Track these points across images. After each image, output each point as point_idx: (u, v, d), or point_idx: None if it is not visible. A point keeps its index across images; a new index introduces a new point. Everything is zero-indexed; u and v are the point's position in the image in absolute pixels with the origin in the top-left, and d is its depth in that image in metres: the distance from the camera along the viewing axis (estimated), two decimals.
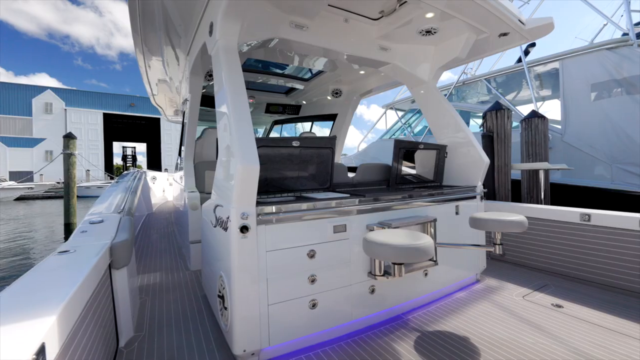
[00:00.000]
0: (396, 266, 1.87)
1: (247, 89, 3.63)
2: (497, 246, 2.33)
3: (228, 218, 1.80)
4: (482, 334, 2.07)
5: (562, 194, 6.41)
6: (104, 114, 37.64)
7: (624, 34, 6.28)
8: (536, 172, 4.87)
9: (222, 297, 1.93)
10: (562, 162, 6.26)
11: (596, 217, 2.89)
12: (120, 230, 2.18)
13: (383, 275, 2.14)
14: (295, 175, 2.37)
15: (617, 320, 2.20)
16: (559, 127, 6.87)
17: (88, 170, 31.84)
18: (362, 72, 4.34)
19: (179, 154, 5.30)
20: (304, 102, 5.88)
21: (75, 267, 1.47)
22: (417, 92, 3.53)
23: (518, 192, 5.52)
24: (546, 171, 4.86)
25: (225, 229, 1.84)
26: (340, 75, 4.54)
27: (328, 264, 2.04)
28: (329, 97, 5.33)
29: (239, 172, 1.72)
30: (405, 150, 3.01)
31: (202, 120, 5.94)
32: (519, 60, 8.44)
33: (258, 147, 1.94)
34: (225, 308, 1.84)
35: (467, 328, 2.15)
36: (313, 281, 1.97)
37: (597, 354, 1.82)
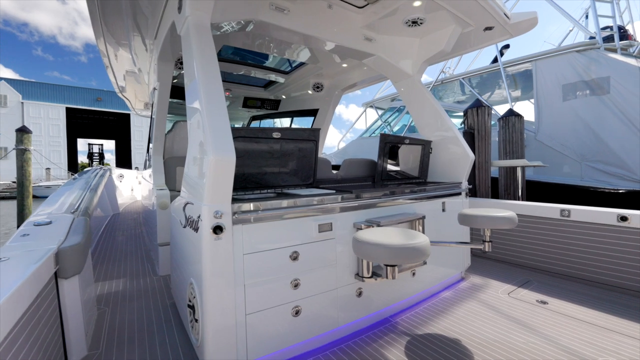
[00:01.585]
0: (389, 268, 1.73)
1: (223, 81, 3.38)
2: (486, 243, 2.27)
3: (199, 217, 1.57)
4: (472, 335, 1.99)
5: (534, 191, 6.64)
6: (67, 109, 34.99)
7: (591, 37, 6.60)
8: (514, 169, 4.97)
9: (192, 308, 1.70)
10: (536, 160, 6.47)
11: (576, 212, 2.92)
12: (72, 233, 1.89)
13: (371, 277, 2.01)
14: (275, 170, 2.18)
15: (601, 315, 2.21)
16: (533, 127, 7.12)
17: (48, 168, 29.54)
18: (344, 65, 4.19)
19: (147, 151, 4.91)
20: (284, 96, 5.66)
21: (4, 278, 1.19)
22: (401, 86, 3.44)
23: (495, 189, 5.62)
24: (523, 168, 4.96)
25: (196, 229, 1.62)
26: (322, 69, 4.37)
27: (312, 266, 1.86)
28: (310, 92, 5.14)
29: (212, 165, 1.50)
30: (391, 145, 2.90)
31: (173, 114, 5.56)
32: (494, 61, 8.69)
33: (234, 138, 1.73)
34: (196, 320, 1.61)
35: (457, 329, 2.06)
36: (296, 286, 1.79)
37: (587, 351, 1.79)
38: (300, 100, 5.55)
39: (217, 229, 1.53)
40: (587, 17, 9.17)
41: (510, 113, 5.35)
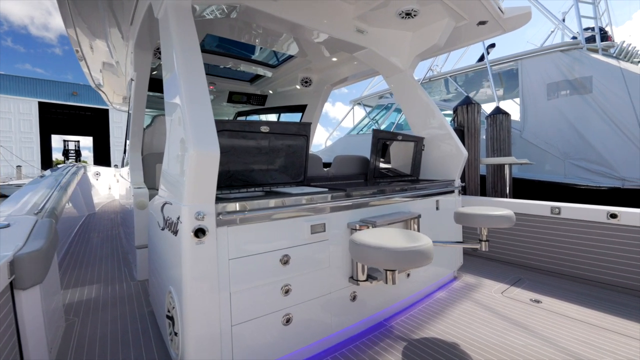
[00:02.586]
0: (389, 272, 1.61)
1: (206, 74, 3.17)
2: (483, 243, 2.20)
3: (178, 219, 1.41)
4: (470, 339, 1.92)
5: (519, 188, 6.75)
6: (40, 103, 33.07)
7: (573, 37, 6.74)
8: (501, 166, 5.00)
9: (171, 319, 1.53)
10: (521, 157, 6.58)
11: (566, 210, 2.91)
12: (33, 237, 1.67)
13: (366, 280, 1.90)
14: (263, 167, 2.02)
15: (594, 313, 2.20)
16: (518, 125, 7.23)
17: (19, 166, 27.95)
18: (334, 59, 4.06)
19: (125, 147, 4.63)
20: (271, 91, 5.47)
21: None
22: (392, 81, 3.34)
23: (483, 187, 5.66)
24: (510, 166, 5.00)
25: (175, 232, 1.45)
26: (310, 62, 4.22)
27: (304, 270, 1.73)
28: (297, 87, 4.98)
29: (193, 160, 1.34)
30: (384, 141, 2.79)
31: (153, 109, 5.27)
32: (479, 60, 8.78)
33: (218, 132, 1.58)
34: (176, 333, 1.45)
35: (455, 333, 1.99)
36: (287, 292, 1.65)
37: (586, 352, 1.75)
38: (288, 96, 5.38)
39: (199, 232, 1.37)
40: (564, 20, 9.42)
41: (498, 111, 5.38)
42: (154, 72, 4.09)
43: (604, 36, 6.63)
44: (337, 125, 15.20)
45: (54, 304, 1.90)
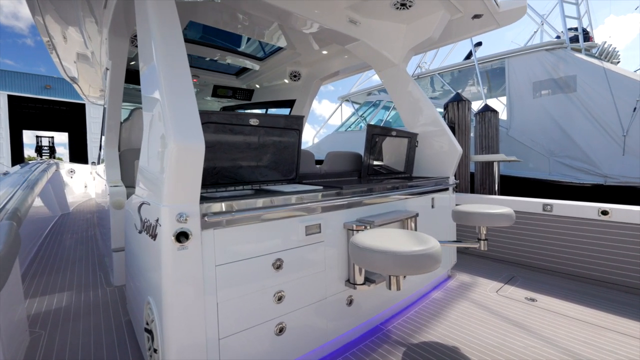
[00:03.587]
0: (393, 277, 1.50)
1: (190, 66, 2.97)
2: (482, 242, 2.14)
3: (157, 221, 1.25)
4: (470, 341, 1.85)
5: (504, 185, 6.85)
6: (9, 97, 31.14)
7: (557, 37, 6.87)
8: (490, 163, 5.02)
9: (150, 333, 1.36)
10: (508, 155, 6.66)
11: (558, 207, 2.91)
12: None
13: (364, 284, 1.78)
14: (252, 164, 1.87)
15: (589, 311, 2.19)
16: (504, 123, 7.32)
17: None
18: (324, 52, 3.92)
19: (101, 143, 4.34)
20: (258, 85, 5.26)
21: None
22: (385, 75, 3.24)
23: (471, 184, 5.68)
24: (498, 163, 5.02)
25: (154, 236, 1.29)
26: (299, 55, 4.06)
27: (299, 275, 1.60)
28: (286, 81, 4.81)
29: (173, 154, 1.18)
30: (378, 137, 2.69)
31: (131, 103, 4.96)
32: (466, 57, 8.85)
33: (203, 124, 1.42)
34: (155, 350, 1.29)
35: (454, 335, 1.92)
36: (280, 299, 1.52)
37: (588, 353, 1.72)
38: (276, 90, 5.19)
39: (181, 236, 1.21)
40: (542, 23, 9.64)
41: (486, 108, 5.40)
42: (132, 63, 3.83)
43: (586, 37, 6.80)
44: (324, 122, 15.08)
45: (17, 316, 1.69)
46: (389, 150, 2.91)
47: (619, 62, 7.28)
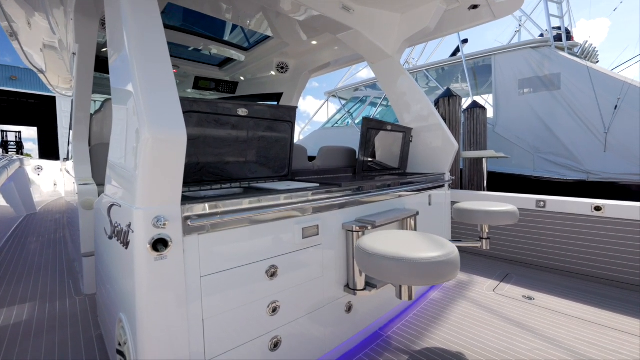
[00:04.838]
0: (404, 287, 1.35)
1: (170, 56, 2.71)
2: (484, 241, 2.05)
3: (129, 226, 1.05)
4: (473, 344, 1.77)
5: (490, 181, 6.93)
6: None
7: (541, 35, 6.98)
8: (479, 160, 5.02)
9: (123, 355, 1.17)
10: (494, 151, 6.75)
11: (551, 203, 2.89)
12: None
13: (365, 289, 1.65)
14: (241, 159, 1.69)
15: (587, 308, 2.18)
16: (491, 120, 7.41)
17: None
18: (314, 42, 3.73)
19: (69, 137, 3.98)
20: (242, 77, 5.01)
21: None
22: (378, 67, 3.11)
23: (459, 180, 5.68)
24: (486, 159, 5.03)
25: (125, 244, 1.09)
26: (287, 46, 3.85)
27: (295, 282, 1.44)
28: (273, 73, 4.58)
29: (148, 147, 0.98)
30: (373, 131, 2.56)
31: (103, 94, 4.60)
32: (453, 54, 8.88)
33: (185, 113, 1.22)
34: None
35: (456, 339, 1.83)
36: (274, 310, 1.36)
37: (592, 353, 1.68)
38: (262, 83, 4.95)
39: (159, 244, 1.02)
40: (524, 21, 9.82)
41: (475, 105, 5.39)
42: (103, 49, 3.51)
43: (568, 36, 6.95)
44: (309, 119, 14.87)
45: None
46: (382, 145, 2.79)
47: (598, 61, 7.51)
